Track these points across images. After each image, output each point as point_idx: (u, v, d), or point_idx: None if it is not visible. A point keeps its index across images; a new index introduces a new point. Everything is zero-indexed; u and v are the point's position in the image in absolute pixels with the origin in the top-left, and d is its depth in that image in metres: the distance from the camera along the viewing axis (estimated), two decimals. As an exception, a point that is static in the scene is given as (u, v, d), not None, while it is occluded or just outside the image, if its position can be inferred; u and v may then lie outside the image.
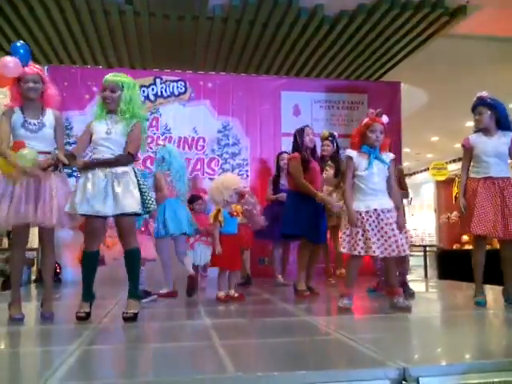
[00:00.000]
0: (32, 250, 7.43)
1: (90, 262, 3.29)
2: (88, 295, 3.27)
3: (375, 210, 3.50)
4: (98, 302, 3.49)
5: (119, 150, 3.21)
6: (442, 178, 12.70)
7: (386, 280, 3.85)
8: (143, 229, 4.35)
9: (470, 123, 3.97)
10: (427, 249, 10.33)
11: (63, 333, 3.08)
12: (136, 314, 3.20)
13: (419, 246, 11.85)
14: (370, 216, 3.49)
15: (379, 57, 8.14)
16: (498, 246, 3.98)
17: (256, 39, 7.51)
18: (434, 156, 15.28)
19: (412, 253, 12.04)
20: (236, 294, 4.22)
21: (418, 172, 17.90)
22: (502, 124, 3.80)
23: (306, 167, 4.40)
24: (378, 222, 3.49)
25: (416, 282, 6.39)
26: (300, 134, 4.52)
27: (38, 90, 3.27)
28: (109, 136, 3.20)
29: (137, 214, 3.26)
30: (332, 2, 6.58)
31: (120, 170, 3.17)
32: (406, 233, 3.58)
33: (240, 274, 5.00)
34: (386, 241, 3.46)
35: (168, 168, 4.54)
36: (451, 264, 8.05)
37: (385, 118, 3.66)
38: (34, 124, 3.24)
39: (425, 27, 7.09)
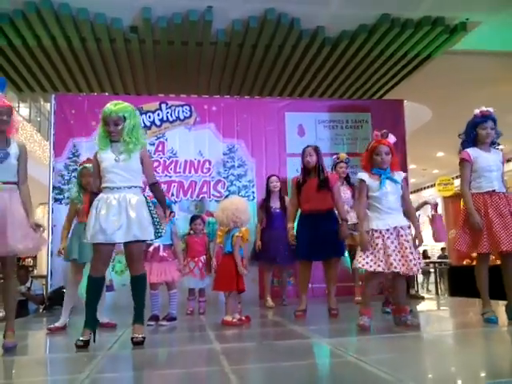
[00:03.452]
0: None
1: (96, 287, 3.27)
2: (91, 321, 3.23)
3: (395, 227, 3.53)
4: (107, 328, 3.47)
5: (130, 175, 3.25)
6: (449, 194, 12.66)
7: (394, 298, 3.84)
8: (166, 254, 4.34)
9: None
10: (437, 265, 10.24)
11: (73, 361, 3.04)
12: (144, 338, 3.21)
13: (430, 262, 11.74)
14: (391, 233, 3.51)
15: (381, 76, 8.20)
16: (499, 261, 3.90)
17: (259, 62, 7.61)
18: (440, 171, 15.28)
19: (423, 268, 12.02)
20: (235, 320, 4.05)
21: (424, 188, 17.87)
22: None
23: (300, 188, 4.57)
24: (398, 240, 3.51)
25: (427, 299, 6.32)
26: (301, 155, 4.65)
27: (8, 123, 3.26)
28: (118, 163, 3.24)
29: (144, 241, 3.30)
30: (333, 24, 6.68)
31: (133, 197, 3.21)
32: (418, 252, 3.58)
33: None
34: (405, 258, 3.46)
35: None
36: (462, 280, 7.95)
37: (391, 138, 3.68)
38: None
39: (425, 45, 7.16)
